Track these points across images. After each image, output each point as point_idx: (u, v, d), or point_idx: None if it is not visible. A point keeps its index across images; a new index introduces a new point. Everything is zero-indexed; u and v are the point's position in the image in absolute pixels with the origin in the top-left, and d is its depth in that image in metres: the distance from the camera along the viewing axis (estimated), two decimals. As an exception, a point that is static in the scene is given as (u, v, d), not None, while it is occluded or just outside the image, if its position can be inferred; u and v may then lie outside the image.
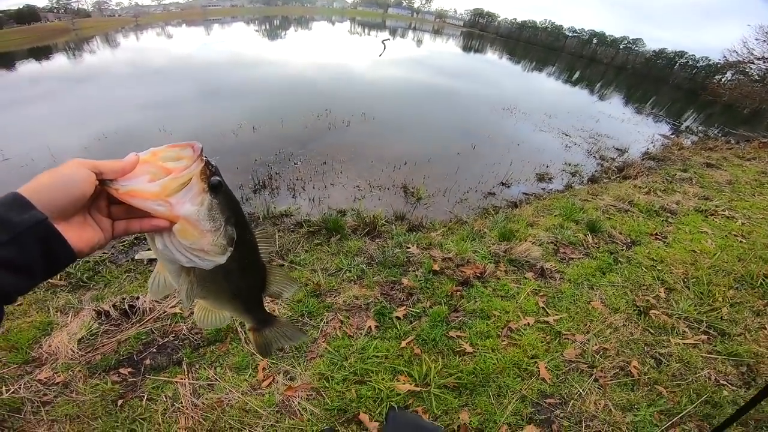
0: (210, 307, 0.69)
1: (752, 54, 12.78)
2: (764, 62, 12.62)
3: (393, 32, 56.00)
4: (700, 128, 15.28)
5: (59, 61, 18.74)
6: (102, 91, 10.23)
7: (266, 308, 0.75)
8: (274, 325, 0.79)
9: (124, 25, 51.01)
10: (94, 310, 2.33)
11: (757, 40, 12.39)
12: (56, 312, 2.37)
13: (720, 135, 13.81)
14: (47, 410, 1.77)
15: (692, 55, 62.87)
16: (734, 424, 1.88)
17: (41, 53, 21.08)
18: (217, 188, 0.53)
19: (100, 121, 6.99)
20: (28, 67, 16.40)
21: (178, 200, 0.50)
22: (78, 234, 0.46)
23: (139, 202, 0.48)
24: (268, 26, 49.01)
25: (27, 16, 51.66)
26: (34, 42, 29.51)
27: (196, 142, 0.53)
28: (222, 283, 0.61)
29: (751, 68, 13.20)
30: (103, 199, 0.51)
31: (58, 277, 2.72)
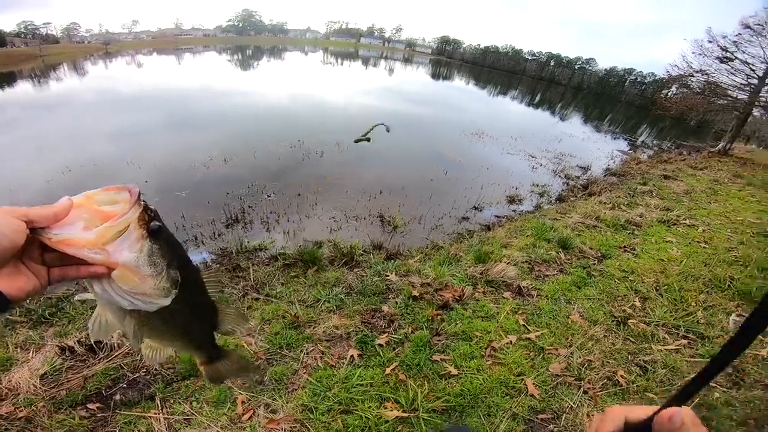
0: (158, 345, 0.67)
1: (691, 67, 13.97)
2: (702, 75, 13.82)
3: (366, 61, 57.66)
4: (654, 142, 16.46)
5: (23, 87, 18.17)
6: (67, 121, 9.93)
7: (217, 344, 0.74)
8: (226, 358, 0.78)
9: (94, 53, 50.19)
10: (58, 345, 2.26)
11: (694, 53, 13.59)
12: (16, 348, 2.28)
13: (673, 147, 14.89)
14: None
15: (640, 71, 68.04)
16: (734, 425, 1.96)
17: (4, 80, 20.32)
18: (157, 233, 0.51)
19: (63, 152, 6.79)
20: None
21: (116, 248, 0.48)
22: (10, 282, 0.45)
23: (74, 251, 0.46)
24: (240, 56, 49.46)
25: (-8, 41, 49.86)
26: (-3, 69, 28.43)
27: (134, 185, 0.51)
28: (169, 323, 0.59)
29: (692, 81, 14.40)
30: (36, 246, 0.49)
31: (17, 312, 2.63)
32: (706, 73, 13.80)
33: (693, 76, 14.20)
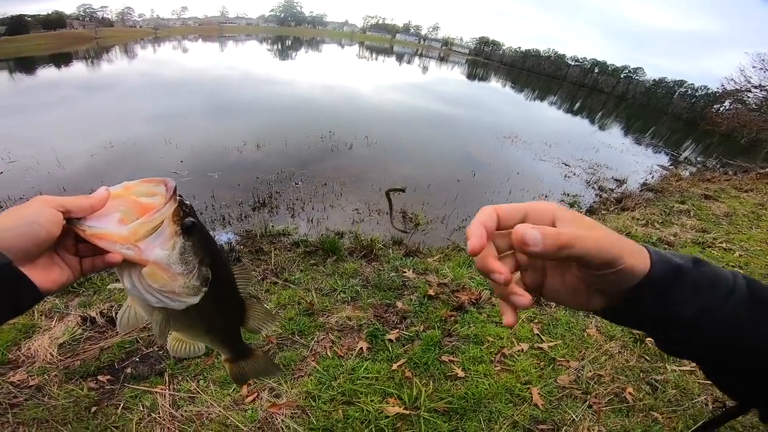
0: (185, 339, 0.67)
1: (749, 82, 13.00)
2: (761, 90, 12.82)
3: (400, 58, 57.43)
4: (698, 159, 15.51)
5: (77, 68, 19.34)
6: (113, 101, 10.50)
7: (243, 342, 0.74)
8: (251, 357, 0.77)
9: (144, 37, 52.81)
10: (80, 315, 2.31)
11: (754, 67, 12.63)
12: (41, 315, 2.34)
13: (718, 166, 13.95)
14: (14, 413, 1.73)
15: (691, 84, 64.01)
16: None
17: (61, 60, 21.76)
18: (190, 230, 0.50)
19: (108, 129, 7.16)
20: (46, 73, 16.89)
21: (148, 245, 0.47)
22: (44, 275, 0.45)
23: (106, 245, 0.46)
24: (279, 46, 50.52)
25: (54, 22, 53.37)
26: (56, 48, 30.57)
27: (170, 179, 0.50)
28: (196, 319, 0.59)
29: (748, 96, 13.41)
30: (70, 237, 0.48)
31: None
32: (766, 89, 12.83)
33: (750, 91, 13.24)
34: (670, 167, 11.91)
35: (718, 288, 0.40)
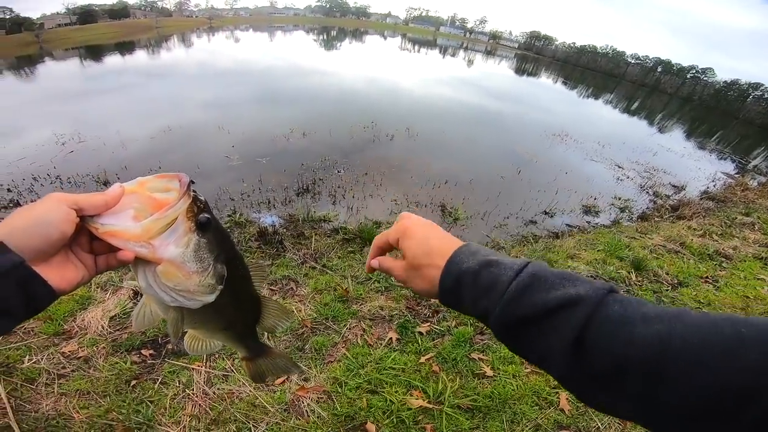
0: (201, 336, 0.66)
1: None
2: None
3: (444, 51, 56.31)
4: (770, 168, 14.00)
5: (140, 56, 20.77)
6: (172, 87, 11.24)
7: (259, 340, 0.73)
8: (268, 355, 0.75)
9: (199, 26, 55.73)
10: (132, 289, 2.38)
11: None
12: (97, 288, 2.41)
13: (793, 177, 12.48)
14: (60, 383, 1.79)
15: (768, 87, 57.78)
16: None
17: (126, 48, 23.50)
18: (205, 226, 0.49)
19: (166, 114, 7.66)
20: (112, 60, 18.32)
21: (162, 242, 0.47)
22: (59, 274, 0.44)
23: (119, 243, 0.45)
24: (325, 36, 51.28)
25: (119, 12, 57.73)
26: (121, 37, 33.05)
27: (184, 174, 0.49)
28: (212, 317, 0.58)
29: None
30: (84, 234, 0.47)
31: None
32: None
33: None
34: (736, 175, 10.86)
35: (493, 290, 0.46)
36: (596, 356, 0.39)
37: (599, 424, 1.95)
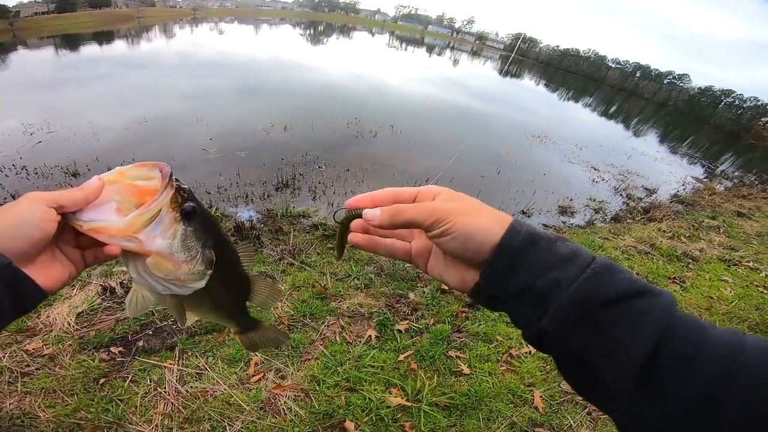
0: (194, 315, 0.68)
1: None
2: None
3: (431, 49, 56.56)
4: (736, 174, 14.70)
5: (118, 46, 20.04)
6: (150, 78, 10.86)
7: (249, 316, 0.76)
8: (258, 329, 0.79)
9: (183, 17, 54.05)
10: (101, 285, 2.32)
11: None
12: None
13: (757, 182, 13.16)
14: (24, 382, 1.73)
15: (740, 94, 60.40)
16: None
17: (104, 38, 22.64)
18: (190, 215, 0.49)
19: (143, 105, 7.40)
20: (88, 50, 17.60)
21: (148, 235, 0.46)
22: (46, 273, 0.43)
23: (105, 238, 0.45)
24: (312, 31, 50.64)
25: (99, 1, 55.26)
26: (100, 26, 31.82)
27: (165, 164, 0.48)
28: (204, 299, 0.59)
29: None
30: (69, 230, 0.46)
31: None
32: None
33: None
34: (704, 180, 11.35)
35: (573, 262, 0.38)
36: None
37: (571, 422, 2.01)
